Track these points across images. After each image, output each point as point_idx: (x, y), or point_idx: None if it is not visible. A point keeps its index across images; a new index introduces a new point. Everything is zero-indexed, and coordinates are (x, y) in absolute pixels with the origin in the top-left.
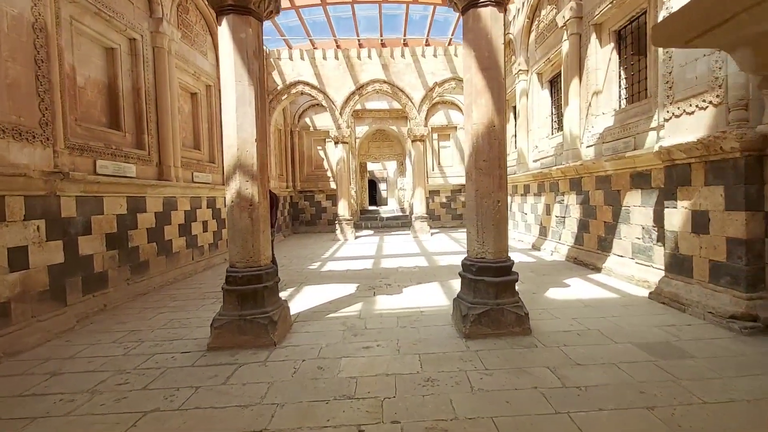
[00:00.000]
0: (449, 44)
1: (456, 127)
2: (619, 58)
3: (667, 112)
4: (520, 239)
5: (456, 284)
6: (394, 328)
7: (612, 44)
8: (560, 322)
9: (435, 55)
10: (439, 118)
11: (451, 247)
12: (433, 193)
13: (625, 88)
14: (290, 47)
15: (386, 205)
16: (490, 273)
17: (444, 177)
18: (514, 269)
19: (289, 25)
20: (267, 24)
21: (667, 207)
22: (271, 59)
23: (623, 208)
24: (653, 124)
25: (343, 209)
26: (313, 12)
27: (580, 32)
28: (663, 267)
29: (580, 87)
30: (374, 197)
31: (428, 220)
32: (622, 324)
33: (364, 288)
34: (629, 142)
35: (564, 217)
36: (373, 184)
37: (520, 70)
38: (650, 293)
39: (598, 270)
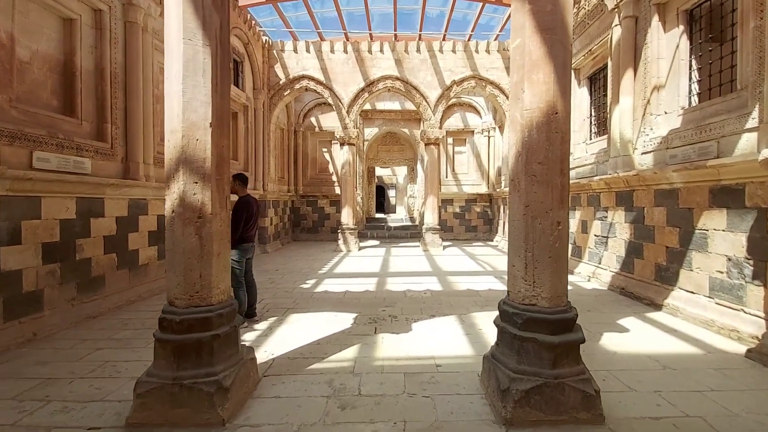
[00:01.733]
0: (469, 39)
1: (473, 132)
2: (690, 44)
3: None
4: None
5: (481, 320)
6: (399, 396)
7: (681, 27)
8: (639, 398)
9: (454, 51)
10: (454, 122)
11: (467, 266)
12: (445, 202)
13: (698, 81)
14: (296, 40)
15: (394, 212)
16: (544, 328)
17: (458, 185)
18: None
19: (299, 19)
20: (273, 15)
21: None
22: (274, 51)
23: (697, 231)
24: (750, 123)
25: (347, 217)
26: (324, 4)
27: (637, 15)
28: (764, 314)
29: (634, 81)
30: (382, 204)
31: (440, 231)
32: (733, 406)
33: (364, 320)
34: (709, 148)
35: (606, 237)
36: (381, 191)
37: None
38: (749, 351)
39: (656, 307)
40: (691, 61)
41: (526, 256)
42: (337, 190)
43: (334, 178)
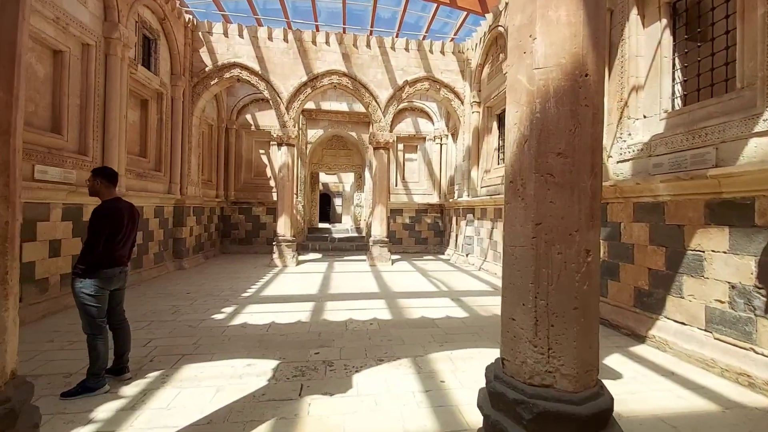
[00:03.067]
0: (423, 38)
1: (425, 138)
2: (674, 40)
3: None
4: (495, 272)
5: (442, 367)
6: None
7: (663, 21)
8: None
9: (407, 49)
10: (405, 127)
11: (419, 285)
12: (395, 212)
13: (684, 81)
14: (229, 23)
15: (340, 222)
16: (568, 427)
17: (408, 194)
18: None
19: (237, 6)
20: None
21: None
22: (200, 33)
23: (690, 252)
24: (760, 126)
25: (283, 227)
26: None
27: (612, 8)
28: None
29: (608, 81)
30: (327, 213)
31: (388, 244)
32: None
33: (288, 372)
34: (705, 155)
35: None
36: (326, 199)
37: None
38: None
39: (639, 338)
40: (674, 60)
41: (536, 305)
42: (275, 197)
43: (272, 183)
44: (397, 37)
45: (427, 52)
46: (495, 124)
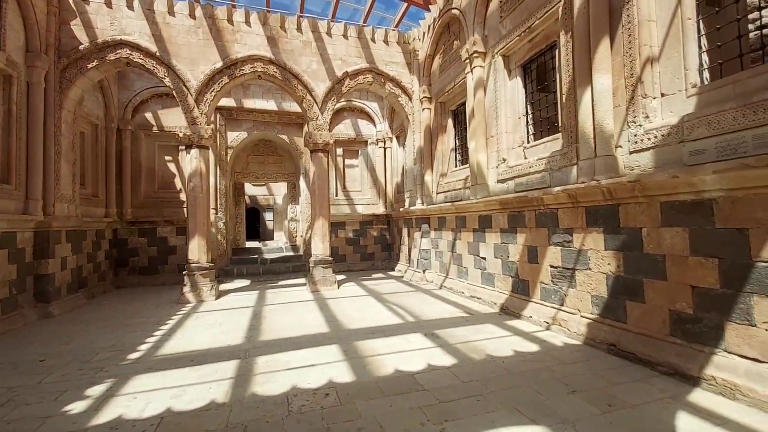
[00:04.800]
0: (365, 20)
1: (366, 142)
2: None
3: None
4: (473, 294)
5: None
6: None
7: None
8: None
9: (345, 36)
10: (345, 129)
11: (377, 314)
12: (336, 226)
13: (713, 48)
14: None
15: (272, 240)
16: None
17: (351, 205)
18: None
19: None
20: None
21: None
22: (71, 0)
23: (762, 265)
24: None
25: (197, 251)
26: None
27: None
28: None
29: (611, 55)
30: (256, 230)
31: (332, 264)
32: None
33: None
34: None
35: (572, 270)
36: (254, 213)
37: (475, 51)
38: None
39: (689, 380)
40: (699, 22)
41: None
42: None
43: (183, 196)
44: (334, 16)
45: (368, 40)
46: (450, 122)
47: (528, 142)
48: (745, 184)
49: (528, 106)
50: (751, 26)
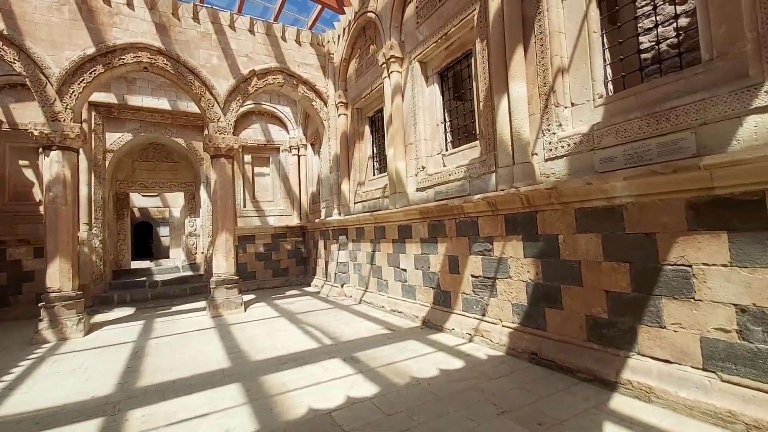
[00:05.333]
0: (275, 20)
1: (278, 149)
2: (601, 14)
3: None
4: (394, 308)
5: None
6: None
7: None
8: None
9: (252, 31)
10: (254, 134)
11: (292, 340)
12: (245, 240)
13: (616, 61)
14: None
15: (168, 258)
16: None
17: (262, 216)
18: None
19: None
20: None
21: None
22: None
23: (669, 268)
24: (761, 99)
25: (59, 276)
26: None
27: None
28: None
29: (525, 63)
30: (149, 247)
31: (238, 283)
32: None
33: None
34: (680, 142)
35: (494, 279)
36: (147, 228)
37: (392, 56)
38: None
39: (607, 385)
40: (603, 36)
41: None
42: None
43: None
44: (240, 8)
45: (278, 38)
46: (368, 128)
47: (447, 150)
48: (652, 190)
49: (446, 114)
50: (648, 42)
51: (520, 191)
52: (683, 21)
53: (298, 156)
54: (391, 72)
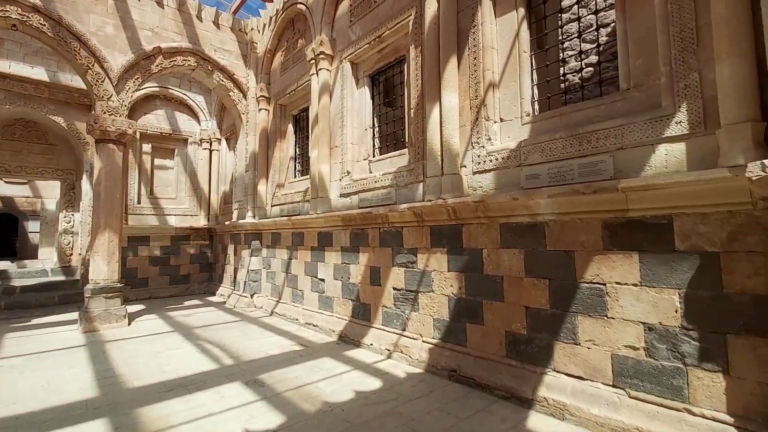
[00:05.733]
0: None
1: (187, 141)
2: (531, 36)
3: None
4: (309, 321)
5: None
6: None
7: (521, 11)
8: None
9: (161, 4)
10: (156, 121)
11: (184, 361)
12: (138, 241)
13: (543, 83)
14: None
15: (36, 258)
16: None
17: (161, 215)
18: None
19: None
20: None
21: None
22: None
23: (585, 285)
24: (672, 130)
25: None
26: None
27: None
28: (730, 417)
29: (458, 74)
30: (12, 244)
31: (121, 293)
32: None
33: None
34: (598, 164)
35: (416, 293)
36: (10, 222)
37: (322, 53)
38: None
39: (524, 402)
40: (532, 57)
41: None
42: None
43: None
44: None
45: (193, 17)
46: (291, 127)
47: (374, 156)
48: (573, 209)
49: (375, 118)
50: (573, 66)
51: (447, 203)
52: (605, 50)
53: (210, 150)
54: (320, 69)
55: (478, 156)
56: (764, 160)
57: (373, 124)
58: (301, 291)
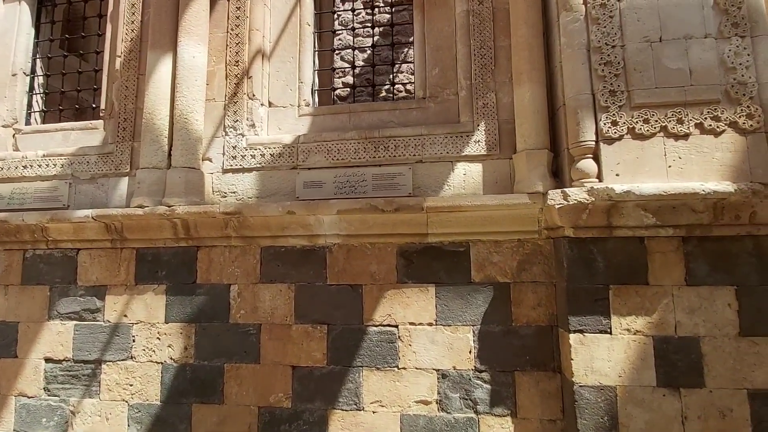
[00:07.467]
0: None
1: None
2: (315, 9)
3: None
4: None
5: None
6: None
7: None
8: None
9: None
10: None
11: None
12: None
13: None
14: None
15: None
16: None
17: None
18: None
19: None
20: None
21: None
22: None
23: (374, 329)
24: (472, 148)
25: None
26: None
27: None
28: None
29: (210, 20)
30: None
31: None
32: None
33: None
34: (397, 177)
35: (99, 362)
36: None
37: None
38: None
39: None
40: (315, 37)
41: None
42: None
43: None
44: None
45: None
46: None
47: (29, 123)
48: (365, 230)
49: (39, 61)
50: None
51: (175, 212)
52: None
53: None
54: None
55: (234, 147)
56: (566, 189)
57: (33, 69)
58: None
